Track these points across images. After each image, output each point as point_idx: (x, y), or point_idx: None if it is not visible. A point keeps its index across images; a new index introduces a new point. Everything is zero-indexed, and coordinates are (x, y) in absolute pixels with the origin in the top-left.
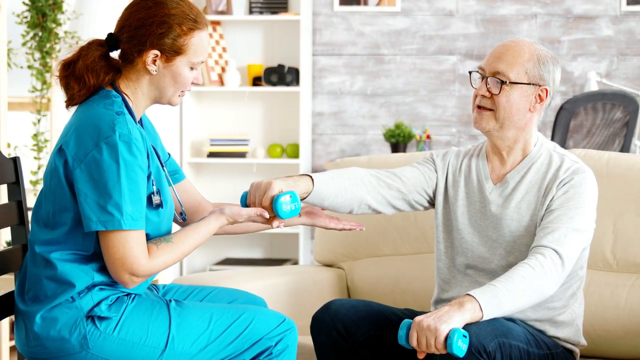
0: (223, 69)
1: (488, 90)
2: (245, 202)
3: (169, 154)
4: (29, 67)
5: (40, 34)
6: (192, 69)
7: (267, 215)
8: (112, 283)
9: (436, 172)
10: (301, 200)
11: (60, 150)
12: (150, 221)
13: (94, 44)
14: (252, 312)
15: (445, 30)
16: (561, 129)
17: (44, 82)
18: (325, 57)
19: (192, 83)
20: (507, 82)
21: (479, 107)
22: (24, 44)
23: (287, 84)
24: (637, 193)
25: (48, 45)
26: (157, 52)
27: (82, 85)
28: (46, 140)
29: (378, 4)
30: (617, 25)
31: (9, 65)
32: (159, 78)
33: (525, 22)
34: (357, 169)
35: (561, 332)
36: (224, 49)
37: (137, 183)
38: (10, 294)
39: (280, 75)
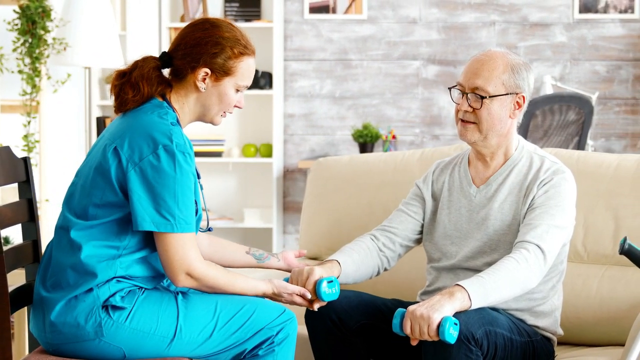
0: None
1: (470, 105)
2: None
3: None
4: (20, 71)
5: (30, 40)
6: (237, 91)
7: (309, 296)
8: (129, 276)
9: (423, 199)
10: None
11: (114, 150)
12: None
13: (149, 58)
14: (254, 303)
15: (409, 37)
16: (521, 131)
17: (34, 86)
18: (296, 62)
19: (235, 106)
20: (487, 97)
21: (462, 120)
22: (14, 50)
23: (261, 88)
24: (606, 189)
25: (37, 51)
26: (208, 70)
27: (136, 92)
28: (36, 141)
29: (346, 12)
30: (570, 32)
31: (0, 70)
32: (206, 96)
33: (484, 29)
34: (361, 241)
35: (540, 322)
36: None
37: (190, 189)
38: (24, 286)
39: (254, 79)
